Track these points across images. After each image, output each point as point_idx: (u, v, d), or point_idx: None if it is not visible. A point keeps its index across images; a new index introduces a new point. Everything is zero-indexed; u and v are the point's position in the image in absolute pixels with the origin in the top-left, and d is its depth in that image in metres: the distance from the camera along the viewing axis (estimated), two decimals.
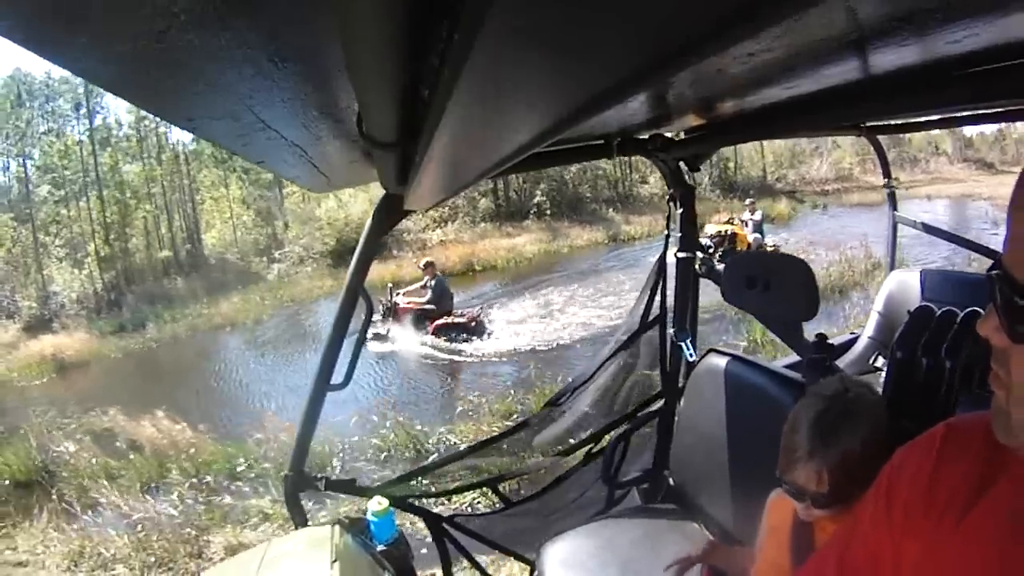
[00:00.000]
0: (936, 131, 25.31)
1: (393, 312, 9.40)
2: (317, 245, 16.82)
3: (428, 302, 9.38)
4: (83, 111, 18.36)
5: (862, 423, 0.94)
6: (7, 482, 5.93)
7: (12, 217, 17.03)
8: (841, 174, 22.58)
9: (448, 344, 9.03)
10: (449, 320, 9.22)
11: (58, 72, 17.27)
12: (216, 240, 18.40)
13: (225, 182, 19.29)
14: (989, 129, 26.13)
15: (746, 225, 12.62)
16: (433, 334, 9.11)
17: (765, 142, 21.81)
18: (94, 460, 6.03)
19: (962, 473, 0.59)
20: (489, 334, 9.37)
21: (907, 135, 23.00)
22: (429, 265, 9.81)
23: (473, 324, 9.28)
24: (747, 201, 13.86)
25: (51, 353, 12.22)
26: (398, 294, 9.65)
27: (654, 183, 19.93)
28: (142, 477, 5.55)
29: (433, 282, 9.53)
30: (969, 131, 26.02)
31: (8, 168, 18.35)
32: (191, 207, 18.78)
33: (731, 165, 21.77)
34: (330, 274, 15.58)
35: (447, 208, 17.75)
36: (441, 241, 16.86)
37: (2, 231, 16.59)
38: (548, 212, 18.07)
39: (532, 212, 17.97)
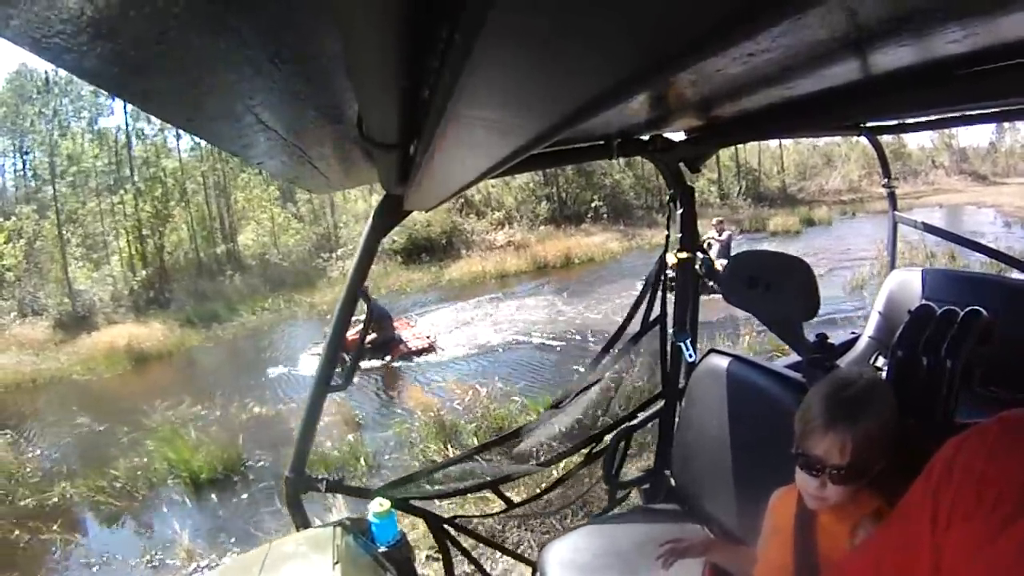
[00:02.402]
0: (933, 145, 27.14)
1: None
2: (384, 243, 16.98)
3: (364, 328, 8.88)
4: (109, 104, 18.02)
5: (881, 403, 0.98)
6: (181, 483, 5.28)
7: (34, 209, 16.36)
8: (852, 186, 24.29)
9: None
10: (410, 347, 9.08)
11: None
12: (252, 240, 18.21)
13: (248, 184, 19.19)
14: (982, 143, 28.64)
15: (710, 247, 10.51)
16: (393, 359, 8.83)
17: (783, 155, 24.47)
18: (351, 438, 5.49)
19: (1014, 473, 0.57)
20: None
21: (905, 150, 24.81)
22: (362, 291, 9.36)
23: (429, 347, 9.30)
24: (714, 220, 11.76)
25: (124, 345, 11.49)
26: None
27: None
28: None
29: (368, 307, 9.00)
30: (964, 144, 28.23)
31: (15, 162, 17.79)
32: (227, 206, 18.62)
33: (759, 177, 23.71)
34: (408, 269, 15.97)
35: (503, 211, 19.11)
36: (509, 242, 17.71)
37: (24, 224, 15.86)
38: (605, 216, 19.43)
39: (589, 216, 19.40)
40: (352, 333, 6.74)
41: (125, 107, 17.76)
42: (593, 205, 19.75)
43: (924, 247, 9.68)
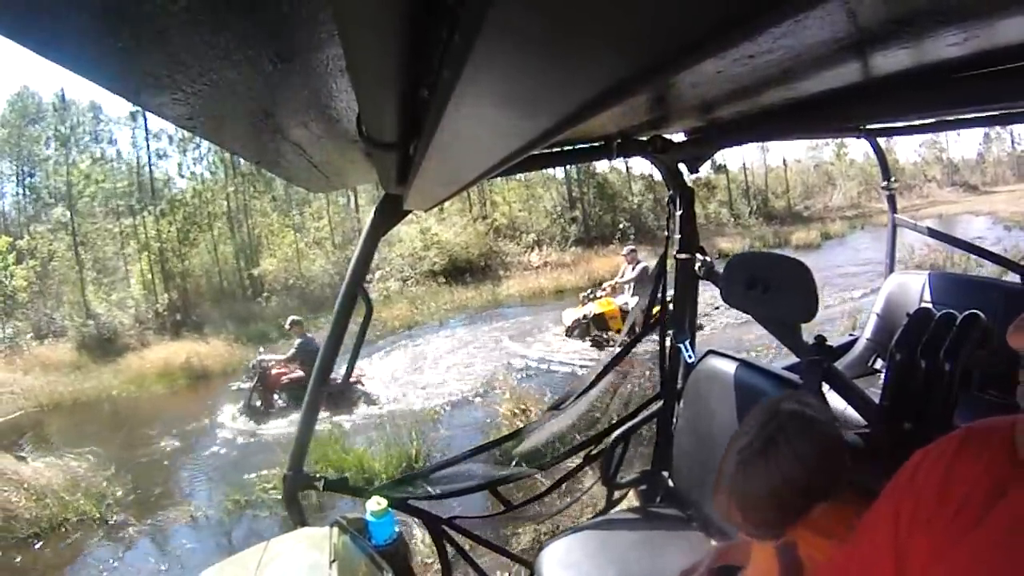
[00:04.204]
0: (923, 159, 28.53)
1: (264, 381, 7.50)
2: (424, 265, 17.61)
3: (292, 364, 7.59)
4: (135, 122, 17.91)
5: (781, 460, 0.89)
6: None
7: (50, 229, 16.07)
8: (853, 202, 25.68)
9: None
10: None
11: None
12: (274, 266, 17.99)
13: (266, 210, 19.22)
14: (970, 154, 30.22)
15: (618, 292, 9.26)
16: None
17: (787, 176, 26.01)
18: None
19: (976, 479, 0.57)
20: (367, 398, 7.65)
21: (899, 164, 26.37)
22: (295, 324, 7.95)
23: (360, 385, 7.90)
24: (625, 249, 9.96)
25: (180, 363, 10.80)
26: (269, 362, 7.69)
27: (703, 213, 22.56)
28: None
29: (297, 342, 7.64)
30: (954, 156, 29.83)
31: (18, 184, 17.55)
32: (249, 231, 18.54)
33: (767, 197, 25.04)
34: (454, 290, 16.08)
35: (534, 234, 19.98)
36: (545, 262, 18.36)
37: (38, 243, 15.51)
38: (632, 237, 19.97)
39: (616, 237, 20.08)
40: (278, 370, 6.48)
41: (146, 128, 17.83)
42: (620, 227, 20.60)
43: (945, 258, 9.86)
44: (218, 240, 17.89)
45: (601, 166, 21.75)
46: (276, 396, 7.56)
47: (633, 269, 9.01)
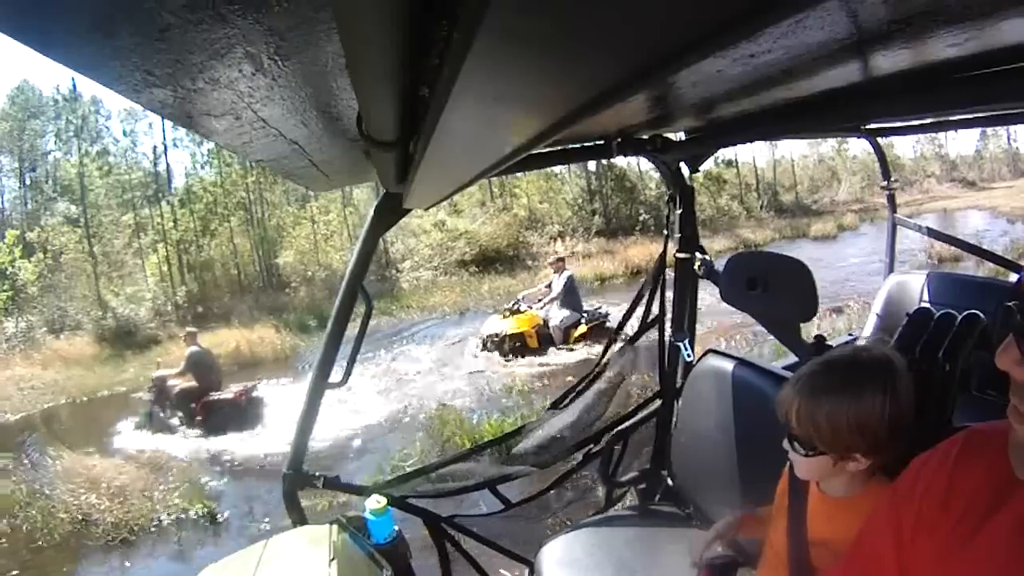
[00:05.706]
0: (921, 155, 28.82)
1: (161, 392, 7.34)
2: (453, 255, 17.98)
3: (183, 376, 7.28)
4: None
5: (861, 387, 0.91)
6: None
7: (61, 222, 15.91)
8: (857, 197, 26.11)
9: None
10: (216, 397, 7.04)
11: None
12: (292, 258, 17.86)
13: (281, 202, 19.27)
14: (967, 151, 30.46)
15: (545, 305, 8.58)
16: (201, 422, 6.93)
17: (794, 171, 26.61)
18: None
19: (979, 483, 0.57)
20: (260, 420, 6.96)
21: (900, 160, 26.67)
22: (189, 335, 7.66)
23: (243, 401, 7.01)
24: (551, 259, 9.50)
25: (230, 351, 10.40)
26: (165, 375, 7.48)
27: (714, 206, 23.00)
28: None
29: (188, 352, 7.32)
30: (952, 153, 30.18)
31: (20, 178, 17.25)
32: (264, 223, 18.47)
33: (777, 191, 25.63)
34: (488, 278, 16.33)
35: (559, 226, 20.34)
36: (572, 253, 18.47)
37: (49, 236, 15.39)
38: (652, 229, 20.32)
39: (637, 229, 20.52)
40: (172, 381, 6.39)
41: (163, 119, 17.70)
42: (640, 218, 20.92)
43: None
44: (235, 231, 17.86)
45: (620, 160, 21.77)
46: (170, 407, 7.30)
47: (559, 275, 8.67)
